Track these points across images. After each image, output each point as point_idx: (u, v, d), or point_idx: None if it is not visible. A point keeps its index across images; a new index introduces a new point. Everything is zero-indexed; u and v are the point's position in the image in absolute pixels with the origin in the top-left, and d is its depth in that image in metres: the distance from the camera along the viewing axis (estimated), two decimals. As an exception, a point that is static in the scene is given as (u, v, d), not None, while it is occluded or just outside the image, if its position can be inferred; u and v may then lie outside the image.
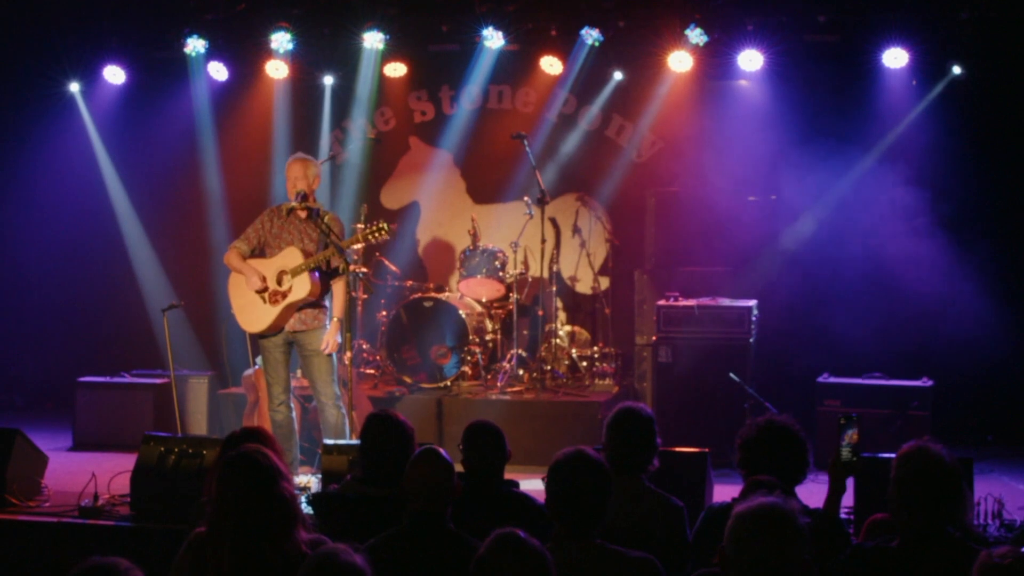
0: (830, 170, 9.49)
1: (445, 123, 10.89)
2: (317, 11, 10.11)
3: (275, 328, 7.43)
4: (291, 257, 7.37)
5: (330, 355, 7.46)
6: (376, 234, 7.41)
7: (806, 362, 9.04)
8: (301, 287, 7.35)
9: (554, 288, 9.75)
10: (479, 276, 9.57)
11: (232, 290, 7.59)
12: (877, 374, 8.65)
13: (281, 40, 9.98)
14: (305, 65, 10.56)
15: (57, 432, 9.35)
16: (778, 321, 9.23)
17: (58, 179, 11.00)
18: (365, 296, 9.83)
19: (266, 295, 7.40)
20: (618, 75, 10.20)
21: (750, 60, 9.49)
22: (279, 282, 7.38)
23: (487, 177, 10.82)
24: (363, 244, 7.74)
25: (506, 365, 9.47)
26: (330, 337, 7.42)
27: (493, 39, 9.81)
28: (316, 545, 3.60)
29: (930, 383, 8.41)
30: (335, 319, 7.45)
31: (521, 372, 9.41)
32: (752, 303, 8.87)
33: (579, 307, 10.63)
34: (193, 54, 10.23)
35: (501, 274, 9.60)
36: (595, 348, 9.90)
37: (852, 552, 3.94)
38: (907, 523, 3.85)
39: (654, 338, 9.03)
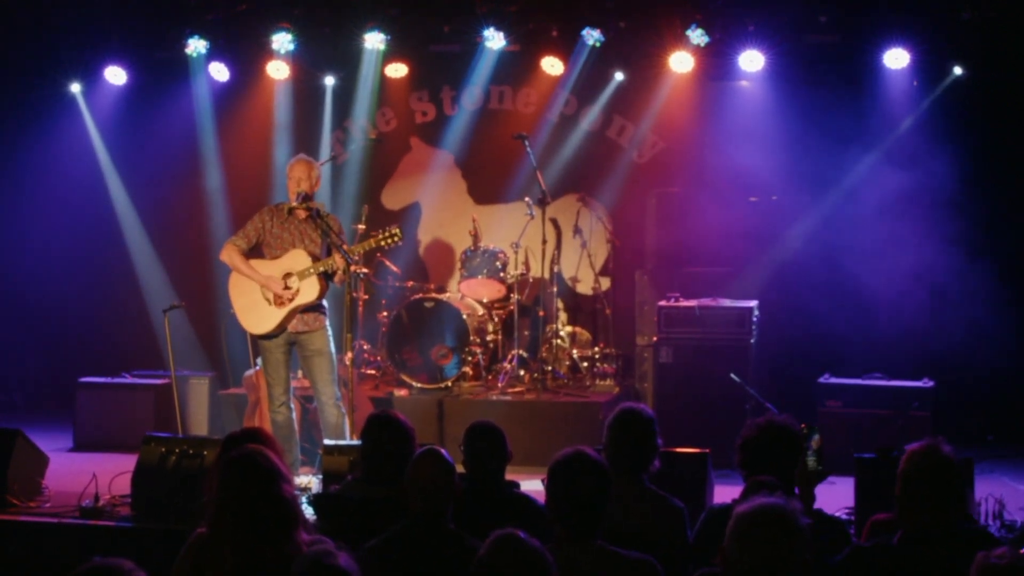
0: (831, 171, 9.50)
1: (446, 123, 10.89)
2: (318, 11, 10.11)
3: (279, 330, 7.44)
4: (298, 259, 7.38)
5: (331, 355, 7.48)
6: (389, 240, 7.46)
7: (807, 363, 9.03)
8: (310, 291, 7.36)
9: (555, 289, 9.75)
10: (480, 277, 9.57)
11: (233, 290, 7.58)
12: (878, 374, 8.64)
13: (282, 40, 9.98)
14: (306, 65, 10.56)
15: (58, 432, 9.34)
16: (779, 322, 9.23)
17: (59, 179, 11.00)
18: (366, 297, 9.83)
19: (271, 297, 7.41)
20: (619, 76, 10.19)
21: (751, 61, 9.49)
22: (285, 284, 7.39)
23: (488, 178, 10.82)
24: (376, 249, 7.76)
25: (507, 366, 9.47)
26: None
27: (494, 40, 9.81)
28: (317, 546, 3.60)
29: (930, 383, 8.40)
30: None
31: (522, 373, 9.41)
32: (753, 304, 8.88)
33: (580, 308, 10.62)
34: (194, 54, 10.23)
35: (502, 275, 9.60)
36: (596, 349, 9.89)
37: (852, 552, 3.95)
38: (910, 520, 3.87)
39: (655, 339, 9.04)
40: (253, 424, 8.31)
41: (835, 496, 6.80)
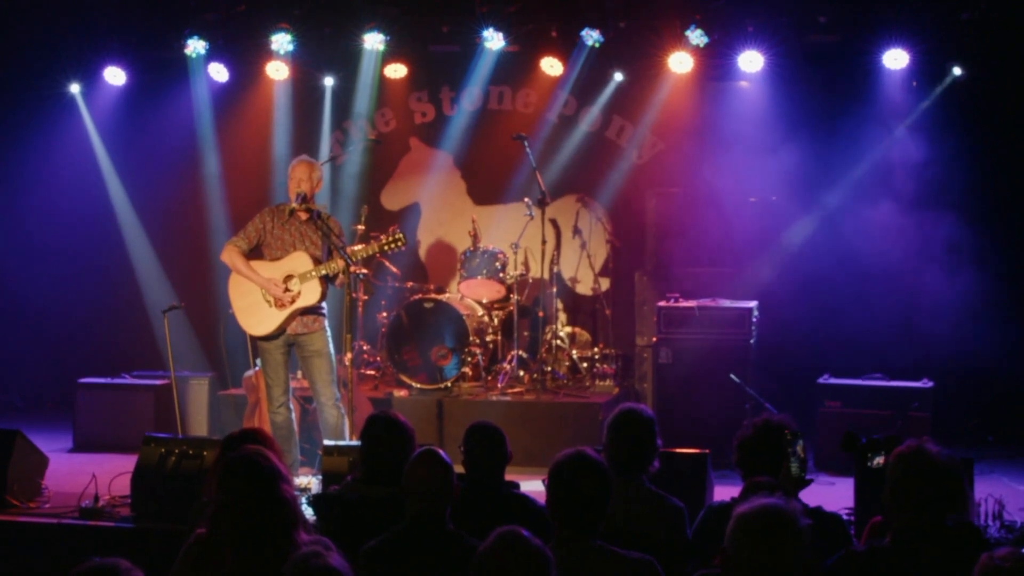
0: (830, 171, 9.50)
1: (445, 124, 10.88)
2: (317, 12, 10.11)
3: (279, 332, 7.45)
4: (300, 262, 7.38)
5: (330, 356, 7.48)
6: (393, 244, 7.48)
7: (806, 363, 9.03)
8: (311, 293, 7.36)
9: (554, 289, 9.75)
10: (480, 277, 9.56)
11: (233, 291, 7.58)
12: (877, 375, 8.64)
13: (281, 41, 9.97)
14: (305, 66, 10.56)
15: (57, 433, 9.34)
16: (778, 322, 9.22)
17: (58, 180, 11.00)
18: (366, 297, 9.83)
19: (272, 298, 7.40)
20: (618, 76, 10.19)
21: (750, 61, 9.48)
22: (285, 287, 7.38)
23: (488, 178, 10.82)
24: (379, 254, 7.78)
25: (507, 366, 9.47)
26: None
27: (493, 40, 9.81)
28: (307, 548, 3.60)
29: (930, 384, 8.40)
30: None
31: (522, 373, 9.40)
32: (752, 304, 8.87)
33: (579, 308, 10.62)
34: (193, 55, 10.22)
35: (502, 275, 9.59)
36: (595, 349, 9.89)
37: (844, 556, 3.95)
38: (898, 521, 3.87)
39: (655, 339, 9.03)
40: (252, 425, 8.30)
41: (835, 496, 6.81)
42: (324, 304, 7.53)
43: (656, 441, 4.77)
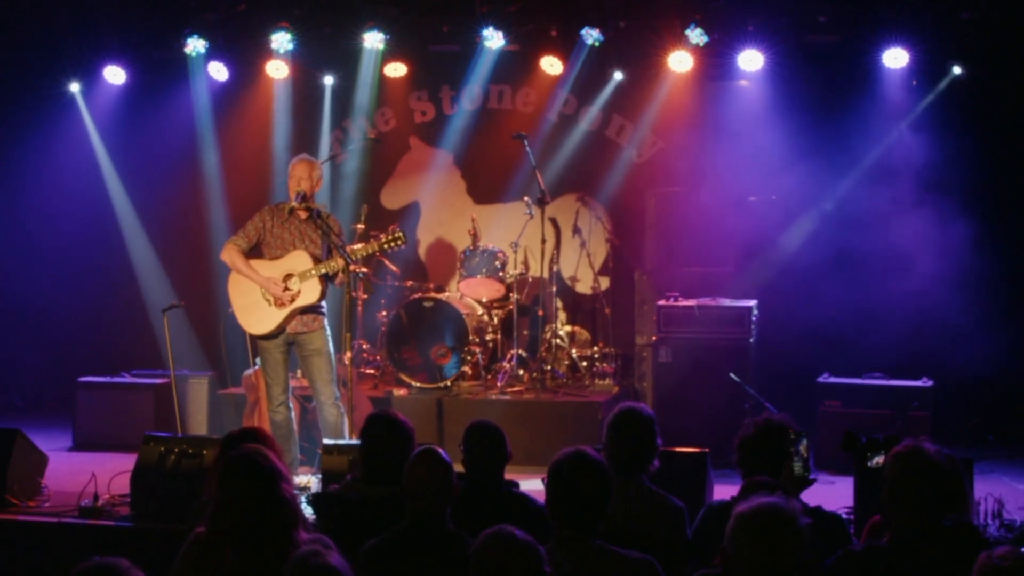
0: (830, 170, 9.50)
1: (445, 123, 10.88)
2: (317, 11, 10.11)
3: (279, 331, 7.45)
4: (299, 261, 7.38)
5: (329, 355, 7.48)
6: (393, 243, 7.49)
7: (806, 362, 9.02)
8: (311, 292, 7.36)
9: (554, 288, 9.75)
10: (479, 276, 9.57)
11: (233, 290, 7.58)
12: (877, 374, 8.64)
13: (281, 40, 9.97)
14: (305, 65, 10.56)
15: (57, 432, 9.34)
16: (778, 321, 9.22)
17: (58, 179, 10.99)
18: (365, 296, 9.83)
19: (271, 297, 7.40)
20: (618, 75, 10.19)
21: (750, 60, 9.49)
22: (285, 286, 7.39)
23: (487, 177, 10.82)
24: (379, 252, 7.79)
25: (506, 365, 9.47)
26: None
27: (493, 39, 9.81)
28: (305, 547, 3.60)
29: (930, 383, 8.40)
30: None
31: (521, 372, 9.40)
32: (752, 303, 8.87)
33: (579, 307, 10.62)
34: (193, 54, 10.22)
35: (501, 274, 9.59)
36: (595, 348, 9.89)
37: (843, 555, 3.95)
38: (896, 521, 3.87)
39: (654, 338, 9.03)
40: (252, 424, 8.31)
41: (835, 496, 6.81)
42: (324, 303, 7.53)
43: (656, 440, 4.77)
